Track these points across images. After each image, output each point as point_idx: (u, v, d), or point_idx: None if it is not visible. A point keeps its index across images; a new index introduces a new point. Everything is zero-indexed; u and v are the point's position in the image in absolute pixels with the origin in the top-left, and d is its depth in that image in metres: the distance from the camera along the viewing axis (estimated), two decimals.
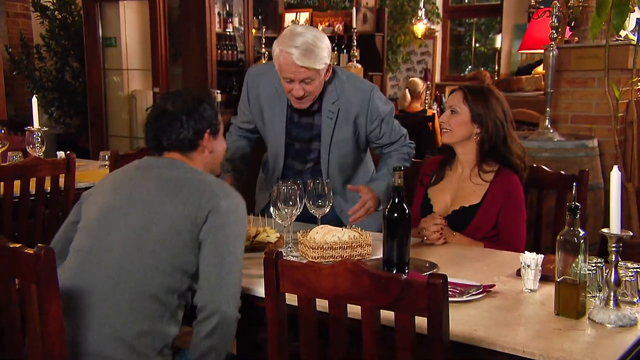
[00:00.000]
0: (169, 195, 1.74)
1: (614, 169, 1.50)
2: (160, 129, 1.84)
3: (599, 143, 3.78)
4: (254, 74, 2.56)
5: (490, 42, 9.41)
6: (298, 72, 2.25)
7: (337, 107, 2.41)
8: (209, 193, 1.75)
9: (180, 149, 1.85)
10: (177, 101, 1.85)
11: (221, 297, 1.69)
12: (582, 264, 1.55)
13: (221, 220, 1.72)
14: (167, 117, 1.83)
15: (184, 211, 1.71)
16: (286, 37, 2.27)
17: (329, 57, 2.32)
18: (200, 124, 1.85)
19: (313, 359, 1.44)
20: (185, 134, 1.83)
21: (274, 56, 2.30)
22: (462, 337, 1.47)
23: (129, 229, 1.72)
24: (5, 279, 1.52)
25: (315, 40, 2.25)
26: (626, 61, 3.78)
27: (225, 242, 1.72)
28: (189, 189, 1.75)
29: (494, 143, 2.33)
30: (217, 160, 1.97)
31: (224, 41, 6.58)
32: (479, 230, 2.32)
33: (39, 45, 7.24)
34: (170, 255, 1.69)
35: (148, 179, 1.80)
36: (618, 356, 1.37)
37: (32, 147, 3.52)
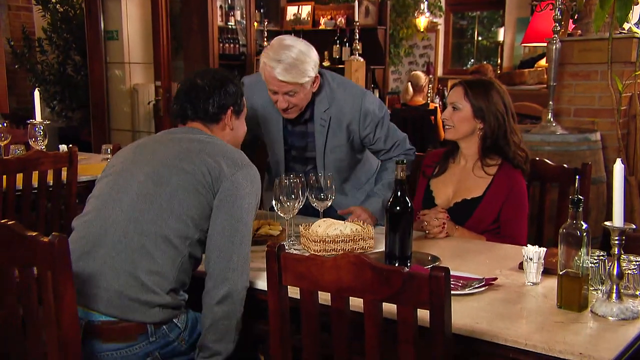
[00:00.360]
0: (191, 154, 1.81)
1: (617, 161, 1.50)
2: (188, 100, 1.94)
3: (601, 136, 3.77)
4: (247, 84, 2.54)
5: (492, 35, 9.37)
6: (280, 85, 2.27)
7: (328, 115, 2.41)
8: (230, 160, 1.81)
9: (202, 120, 1.94)
10: (206, 76, 1.95)
11: (230, 266, 1.74)
12: (584, 257, 1.55)
13: (238, 191, 1.78)
14: (195, 89, 1.93)
15: (203, 170, 1.78)
16: (272, 49, 2.29)
17: (315, 70, 2.31)
18: (225, 100, 1.94)
19: (315, 351, 1.44)
20: (209, 106, 1.92)
21: (260, 67, 2.34)
22: (465, 330, 1.47)
23: (148, 177, 1.79)
24: (22, 267, 1.56)
25: (300, 55, 2.26)
26: (629, 54, 3.76)
27: (239, 212, 1.77)
28: (210, 151, 1.82)
29: (496, 137, 2.33)
30: (238, 140, 2.05)
31: (225, 34, 6.57)
32: (480, 223, 2.32)
33: (40, 39, 7.23)
34: (185, 205, 1.76)
35: (172, 140, 1.89)
36: (620, 349, 1.37)
37: (35, 141, 3.52)
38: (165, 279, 1.74)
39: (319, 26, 6.86)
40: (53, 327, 1.51)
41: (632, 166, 3.86)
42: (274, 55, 2.25)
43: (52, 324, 1.51)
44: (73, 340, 1.51)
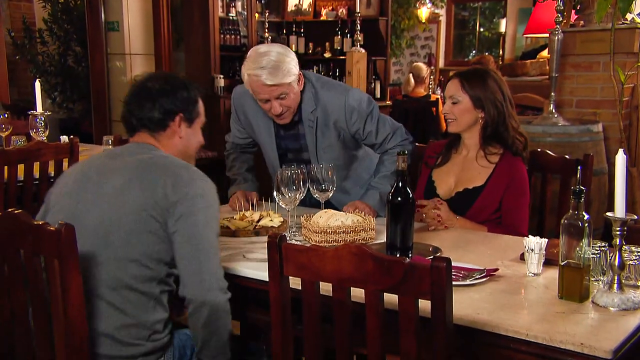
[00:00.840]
0: (134, 186, 1.68)
1: (619, 152, 1.49)
2: (134, 104, 1.81)
3: (603, 128, 3.76)
4: (238, 92, 2.59)
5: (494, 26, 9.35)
6: (271, 90, 2.29)
7: (315, 115, 2.44)
8: (176, 180, 1.69)
9: (148, 128, 1.81)
10: (158, 80, 1.83)
11: (204, 287, 1.67)
12: (586, 248, 1.55)
13: (189, 209, 1.67)
14: (143, 91, 1.81)
15: (151, 200, 1.66)
16: (251, 60, 2.31)
17: (297, 67, 2.34)
18: (173, 105, 1.81)
19: (317, 342, 1.45)
20: (155, 111, 1.79)
21: (245, 81, 2.35)
22: (466, 321, 1.47)
23: (97, 226, 1.67)
24: (30, 255, 1.57)
25: (279, 57, 2.28)
26: (632, 45, 3.75)
27: (196, 230, 1.67)
28: (154, 176, 1.69)
29: (496, 124, 2.34)
30: (190, 151, 1.91)
31: (226, 26, 6.55)
32: (481, 212, 2.32)
33: (41, 30, 7.22)
34: (141, 248, 1.66)
35: (114, 171, 1.74)
36: (621, 339, 1.36)
37: (36, 132, 3.53)
38: (142, 328, 1.68)
39: (320, 17, 6.84)
40: (60, 315, 1.52)
41: (634, 157, 3.85)
42: (254, 64, 2.28)
43: (59, 312, 1.52)
44: (80, 329, 1.52)
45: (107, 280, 1.65)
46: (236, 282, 1.85)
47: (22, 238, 1.56)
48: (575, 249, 1.56)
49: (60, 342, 1.55)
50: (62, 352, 1.55)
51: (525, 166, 2.38)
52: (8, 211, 1.58)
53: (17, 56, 7.09)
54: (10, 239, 1.59)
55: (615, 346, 1.33)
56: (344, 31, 6.42)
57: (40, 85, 3.80)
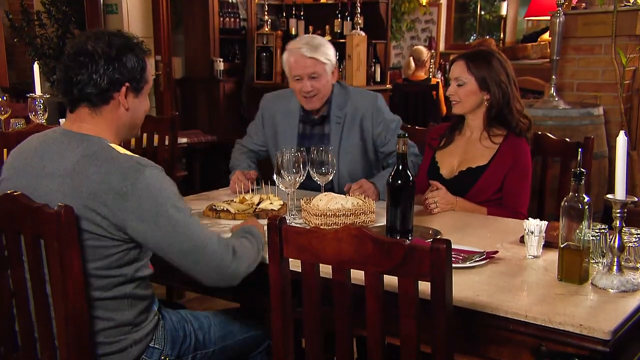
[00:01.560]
0: (76, 192, 1.52)
1: (621, 134, 1.49)
2: (72, 69, 1.58)
3: (604, 111, 3.75)
4: (269, 96, 2.76)
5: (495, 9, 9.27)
6: (306, 65, 2.45)
7: (344, 112, 2.55)
8: (120, 173, 1.53)
9: (89, 101, 1.60)
10: (100, 41, 1.59)
11: (214, 271, 1.60)
12: (586, 230, 1.55)
13: (148, 199, 1.52)
14: (83, 56, 1.58)
15: (95, 207, 1.52)
16: (297, 39, 2.55)
17: (334, 59, 2.52)
18: (119, 73, 1.60)
19: (316, 324, 1.45)
20: (98, 81, 1.58)
21: (285, 61, 2.54)
22: (465, 303, 1.48)
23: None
24: (30, 238, 1.56)
25: (321, 40, 2.52)
26: (634, 27, 3.73)
27: (167, 215, 1.54)
28: (95, 175, 1.53)
29: (500, 106, 2.33)
30: (135, 121, 1.71)
31: (226, 8, 6.50)
32: (483, 192, 2.32)
33: (39, 12, 7.16)
34: (97, 262, 1.56)
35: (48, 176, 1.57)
36: (620, 320, 1.37)
37: (35, 114, 3.51)
38: (124, 325, 1.62)
39: (320, 0, 6.79)
40: (59, 296, 1.52)
41: (634, 140, 3.85)
42: (296, 42, 2.51)
43: (59, 294, 1.52)
44: (80, 311, 1.53)
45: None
46: None
47: (21, 220, 1.56)
48: (575, 231, 1.56)
49: (60, 324, 1.56)
50: (62, 333, 1.56)
51: (529, 146, 2.38)
52: (7, 193, 1.58)
53: (15, 39, 7.04)
54: (9, 221, 1.59)
55: (614, 327, 1.34)
56: (344, 14, 6.37)
57: (39, 68, 3.78)
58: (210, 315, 1.89)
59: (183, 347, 1.77)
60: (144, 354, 1.69)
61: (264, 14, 6.37)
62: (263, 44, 6.32)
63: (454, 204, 2.26)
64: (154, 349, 1.71)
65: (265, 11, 6.35)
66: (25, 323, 1.67)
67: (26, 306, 1.65)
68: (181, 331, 1.78)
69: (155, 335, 1.72)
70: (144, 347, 1.69)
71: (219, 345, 1.84)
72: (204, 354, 1.82)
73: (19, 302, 1.66)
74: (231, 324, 1.90)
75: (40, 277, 1.58)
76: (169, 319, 1.78)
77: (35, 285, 1.60)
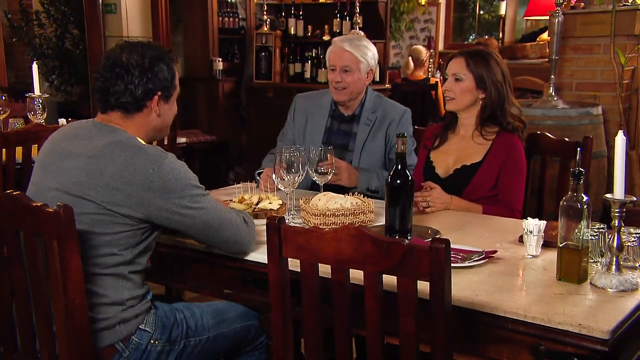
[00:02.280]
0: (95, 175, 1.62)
1: (619, 133, 1.49)
2: (109, 80, 1.70)
3: (603, 110, 3.75)
4: (302, 95, 2.85)
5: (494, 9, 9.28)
6: (342, 57, 2.58)
7: (375, 116, 2.65)
8: (145, 161, 1.63)
9: (124, 108, 1.72)
10: (134, 54, 1.71)
11: (234, 240, 1.78)
12: (584, 230, 1.55)
13: (170, 185, 1.63)
14: (119, 68, 1.70)
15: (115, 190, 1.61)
16: (345, 35, 2.77)
17: (372, 61, 2.64)
18: (152, 84, 1.72)
19: (316, 324, 1.45)
20: (134, 91, 1.70)
21: (327, 52, 2.66)
22: (464, 302, 1.48)
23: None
24: (30, 236, 1.57)
25: (365, 43, 2.64)
26: (632, 27, 3.73)
27: (190, 198, 1.67)
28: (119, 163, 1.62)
29: (494, 107, 2.33)
30: (165, 124, 1.84)
31: (225, 8, 6.50)
32: (479, 188, 2.33)
33: (38, 12, 7.16)
34: (106, 235, 1.63)
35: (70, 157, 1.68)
36: (619, 320, 1.37)
37: (34, 114, 3.51)
38: (115, 305, 1.67)
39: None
40: (59, 295, 1.53)
41: (633, 140, 3.85)
42: (346, 36, 2.78)
43: (59, 292, 1.53)
44: (79, 309, 1.53)
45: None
46: (234, 264, 1.86)
47: (21, 219, 1.57)
48: (574, 230, 1.56)
49: (59, 321, 1.56)
50: (62, 330, 1.56)
51: (522, 143, 2.38)
52: (7, 193, 1.58)
53: (14, 39, 7.03)
54: (9, 221, 1.60)
55: (613, 327, 1.34)
56: (343, 14, 6.36)
57: (38, 68, 3.78)
58: (203, 305, 1.91)
59: (174, 332, 1.77)
60: (133, 335, 1.70)
61: (262, 13, 6.37)
62: (262, 44, 6.32)
63: (449, 203, 2.26)
64: (144, 331, 1.72)
65: (264, 11, 6.35)
66: (25, 322, 1.67)
67: (26, 305, 1.65)
68: (172, 318, 1.80)
69: (146, 319, 1.74)
70: (133, 328, 1.70)
71: (212, 333, 1.84)
72: (198, 340, 1.82)
73: (18, 300, 1.66)
74: (225, 312, 1.91)
75: (39, 275, 1.58)
76: (161, 307, 1.81)
77: (35, 284, 1.60)
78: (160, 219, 1.67)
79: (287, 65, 6.42)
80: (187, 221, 1.70)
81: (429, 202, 2.22)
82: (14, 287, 1.66)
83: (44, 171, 1.73)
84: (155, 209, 1.64)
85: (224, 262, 1.88)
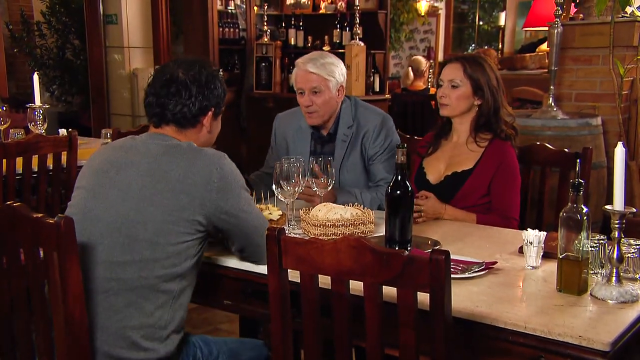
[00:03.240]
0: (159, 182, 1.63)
1: (619, 145, 1.49)
2: (166, 96, 1.72)
3: (602, 121, 3.75)
4: (281, 116, 2.78)
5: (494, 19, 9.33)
6: (307, 78, 2.48)
7: (351, 131, 2.57)
8: (206, 162, 1.66)
9: (179, 123, 1.75)
10: (191, 69, 1.75)
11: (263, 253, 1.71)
12: (584, 241, 1.55)
13: (230, 185, 1.68)
14: (175, 84, 1.73)
15: (184, 199, 1.63)
16: (308, 55, 2.56)
17: (340, 77, 2.53)
18: (208, 101, 1.76)
19: (316, 335, 1.45)
20: (191, 107, 1.74)
21: (292, 75, 2.62)
22: (464, 313, 1.48)
23: (119, 223, 1.62)
24: (30, 248, 1.57)
25: (330, 60, 2.53)
26: (631, 38, 3.74)
27: (245, 200, 1.72)
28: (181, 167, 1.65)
29: (489, 113, 2.33)
30: (212, 140, 1.88)
31: (225, 19, 6.53)
32: (469, 196, 2.32)
33: (39, 22, 7.20)
34: (169, 245, 1.62)
35: (129, 165, 1.69)
36: (619, 332, 1.37)
37: (34, 125, 3.52)
38: (159, 328, 1.64)
39: (319, 10, 6.81)
40: (59, 307, 1.52)
41: (632, 151, 3.86)
42: (309, 57, 2.54)
43: (59, 304, 1.52)
44: (79, 320, 1.53)
45: (130, 280, 1.61)
46: (235, 275, 1.85)
47: (21, 231, 1.56)
48: (574, 242, 1.56)
49: (59, 334, 1.55)
50: (61, 344, 1.55)
51: (515, 150, 2.38)
52: (7, 204, 1.58)
53: (15, 49, 7.07)
54: (9, 232, 1.60)
55: (614, 338, 1.34)
56: (343, 24, 6.40)
57: (39, 78, 3.79)
58: (220, 342, 1.88)
59: None
60: None
61: (263, 24, 6.40)
62: (262, 54, 6.35)
63: (442, 213, 2.26)
64: None
65: (264, 21, 6.38)
66: (24, 334, 1.66)
67: (25, 316, 1.64)
68: (191, 355, 1.77)
69: (172, 355, 1.70)
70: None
71: None
72: None
73: (18, 311, 1.66)
74: (240, 354, 1.88)
75: (39, 286, 1.58)
76: (192, 343, 1.78)
77: (35, 295, 1.60)
78: (218, 221, 1.69)
79: (287, 75, 6.44)
80: (241, 224, 1.72)
81: (421, 212, 2.21)
82: (13, 299, 1.66)
83: (100, 178, 1.70)
84: (216, 209, 1.66)
85: (225, 273, 1.88)
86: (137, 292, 1.61)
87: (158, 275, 1.62)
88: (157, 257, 1.62)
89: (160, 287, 1.63)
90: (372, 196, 2.46)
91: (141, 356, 1.62)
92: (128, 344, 1.61)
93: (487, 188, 2.33)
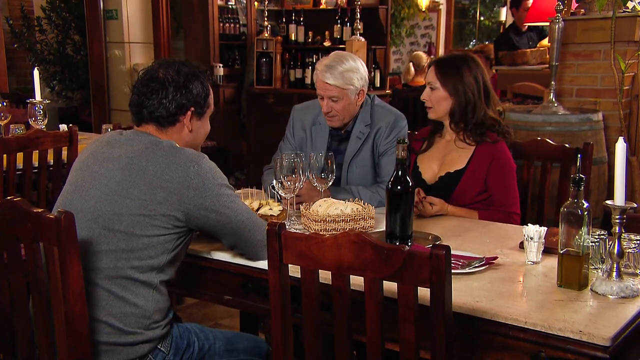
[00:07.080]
0: (137, 177, 1.66)
1: (619, 140, 1.49)
2: (145, 94, 1.76)
3: (603, 117, 3.75)
4: (299, 108, 2.75)
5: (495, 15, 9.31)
6: (325, 88, 2.47)
7: (367, 129, 2.56)
8: (185, 160, 1.68)
9: (157, 122, 1.77)
10: (170, 69, 1.78)
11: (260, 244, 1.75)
12: (585, 236, 1.55)
13: (208, 183, 1.68)
14: (154, 82, 1.76)
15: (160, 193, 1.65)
16: (328, 59, 2.51)
17: (360, 82, 2.49)
18: (185, 99, 1.77)
19: (316, 330, 1.45)
20: (167, 105, 1.75)
21: (314, 74, 2.55)
22: (465, 309, 1.48)
23: (96, 215, 1.66)
24: (30, 243, 1.57)
25: (349, 65, 2.47)
26: (633, 33, 3.73)
27: (226, 197, 1.72)
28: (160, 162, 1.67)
29: (465, 112, 2.33)
30: (197, 142, 1.88)
31: (226, 14, 6.52)
32: (465, 194, 2.33)
33: (39, 18, 7.19)
34: (145, 237, 1.65)
35: (109, 160, 1.72)
36: (620, 327, 1.37)
37: (35, 120, 3.52)
38: (142, 317, 1.67)
39: (320, 5, 6.80)
40: (60, 302, 1.53)
41: (633, 146, 3.85)
42: (328, 63, 2.49)
43: (59, 299, 1.53)
44: (79, 315, 1.53)
45: (106, 269, 1.64)
46: (235, 271, 1.85)
47: (21, 226, 1.56)
48: (574, 237, 1.56)
49: (60, 329, 1.56)
50: (62, 339, 1.55)
51: (507, 144, 2.38)
52: (7, 199, 1.58)
53: (15, 44, 7.06)
54: (9, 227, 1.60)
55: (614, 333, 1.34)
56: (344, 20, 6.38)
57: (39, 73, 3.79)
58: (215, 331, 1.91)
59: (186, 355, 1.79)
60: (151, 353, 1.72)
61: (263, 19, 6.39)
62: (263, 50, 6.34)
63: (446, 209, 2.28)
64: (160, 351, 1.74)
65: (264, 17, 6.37)
66: (25, 330, 1.66)
67: (26, 312, 1.65)
68: (185, 340, 1.80)
69: (166, 339, 1.75)
70: (153, 347, 1.71)
71: (223, 358, 1.85)
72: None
73: (18, 308, 1.66)
74: (235, 342, 1.91)
75: (39, 283, 1.58)
76: (176, 327, 1.81)
77: (35, 291, 1.60)
78: (198, 217, 1.70)
79: (287, 71, 6.44)
80: (224, 220, 1.73)
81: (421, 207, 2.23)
82: (13, 295, 1.66)
83: (83, 172, 1.75)
84: (194, 207, 1.67)
85: (225, 268, 1.88)
86: (115, 282, 1.65)
87: (133, 266, 1.66)
88: (132, 247, 1.65)
89: (137, 277, 1.66)
90: (370, 193, 2.45)
91: (129, 339, 1.66)
92: (114, 330, 1.65)
93: (482, 185, 2.34)
